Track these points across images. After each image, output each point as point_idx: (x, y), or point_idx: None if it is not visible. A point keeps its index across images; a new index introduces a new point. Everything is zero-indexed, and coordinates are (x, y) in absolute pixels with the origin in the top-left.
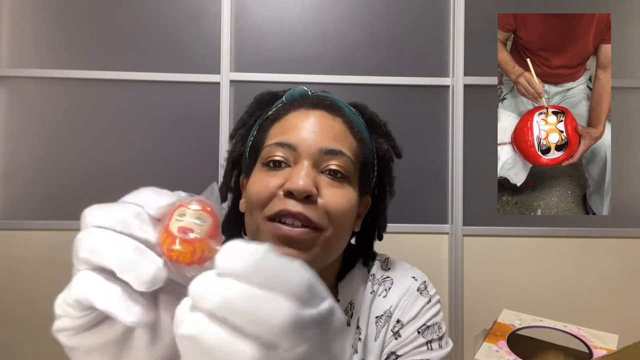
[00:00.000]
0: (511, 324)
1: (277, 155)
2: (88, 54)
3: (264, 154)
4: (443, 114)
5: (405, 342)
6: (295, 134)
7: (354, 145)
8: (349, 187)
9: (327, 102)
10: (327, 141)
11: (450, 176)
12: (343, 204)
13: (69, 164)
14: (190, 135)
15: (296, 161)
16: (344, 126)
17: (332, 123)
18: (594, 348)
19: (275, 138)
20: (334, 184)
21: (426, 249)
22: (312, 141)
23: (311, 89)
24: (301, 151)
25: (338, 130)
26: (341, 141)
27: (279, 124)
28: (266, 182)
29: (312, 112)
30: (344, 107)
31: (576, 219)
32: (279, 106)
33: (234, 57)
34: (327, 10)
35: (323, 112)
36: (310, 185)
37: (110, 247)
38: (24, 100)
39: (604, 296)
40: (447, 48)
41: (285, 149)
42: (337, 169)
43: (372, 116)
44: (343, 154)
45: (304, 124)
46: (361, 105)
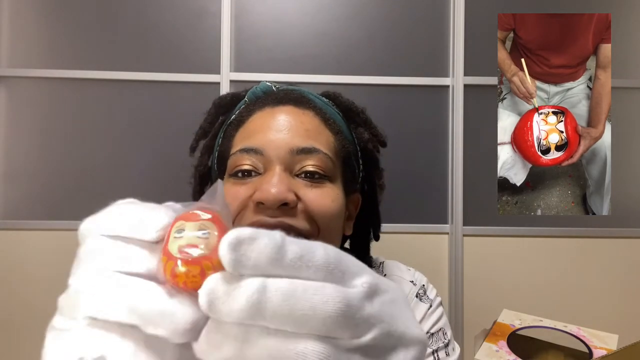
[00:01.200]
0: (511, 324)
1: (245, 163)
2: (88, 54)
3: (230, 164)
4: (443, 114)
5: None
6: (261, 137)
7: (330, 139)
8: (331, 186)
9: (294, 95)
10: (298, 139)
11: (450, 176)
12: (327, 204)
13: (69, 164)
14: (190, 135)
15: (266, 167)
16: (316, 119)
17: (301, 118)
18: (594, 348)
19: (240, 144)
20: (313, 185)
21: (426, 249)
22: (281, 142)
23: (276, 84)
24: (270, 155)
25: (310, 125)
26: (314, 137)
27: (243, 128)
28: (234, 193)
29: (278, 108)
30: (315, 98)
31: (576, 218)
32: (241, 108)
33: (234, 57)
34: (327, 10)
35: (290, 107)
36: (284, 192)
37: (122, 297)
38: (24, 100)
39: (604, 296)
40: (447, 48)
41: (252, 155)
42: (314, 169)
43: (347, 104)
44: (318, 151)
45: (270, 124)
46: (334, 94)
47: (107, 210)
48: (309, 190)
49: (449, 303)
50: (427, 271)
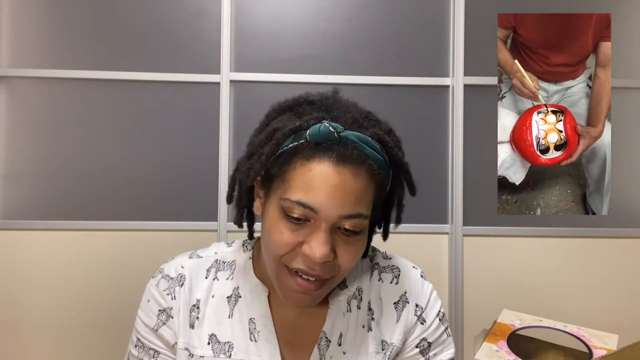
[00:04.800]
0: (511, 324)
1: (299, 212)
2: (88, 54)
3: (285, 206)
4: (443, 114)
5: (431, 330)
6: (317, 197)
7: (373, 196)
8: (362, 237)
9: (355, 154)
10: (348, 207)
11: (450, 176)
12: (355, 259)
13: (69, 164)
14: (190, 135)
15: (315, 221)
16: (367, 179)
17: (355, 184)
18: (594, 348)
19: (298, 193)
20: (349, 240)
21: (426, 249)
22: (334, 208)
23: (337, 128)
24: (322, 215)
25: (360, 191)
26: (360, 202)
27: (302, 172)
28: (287, 238)
29: (337, 170)
30: (370, 153)
31: (576, 218)
32: (301, 142)
33: (234, 57)
34: (327, 11)
35: (348, 171)
36: (328, 255)
37: None
38: (24, 100)
39: (604, 296)
40: (447, 48)
41: (308, 209)
42: (353, 229)
43: (397, 158)
44: (360, 215)
45: (328, 185)
46: (389, 144)
47: None
48: (344, 247)
49: (449, 303)
50: (427, 271)
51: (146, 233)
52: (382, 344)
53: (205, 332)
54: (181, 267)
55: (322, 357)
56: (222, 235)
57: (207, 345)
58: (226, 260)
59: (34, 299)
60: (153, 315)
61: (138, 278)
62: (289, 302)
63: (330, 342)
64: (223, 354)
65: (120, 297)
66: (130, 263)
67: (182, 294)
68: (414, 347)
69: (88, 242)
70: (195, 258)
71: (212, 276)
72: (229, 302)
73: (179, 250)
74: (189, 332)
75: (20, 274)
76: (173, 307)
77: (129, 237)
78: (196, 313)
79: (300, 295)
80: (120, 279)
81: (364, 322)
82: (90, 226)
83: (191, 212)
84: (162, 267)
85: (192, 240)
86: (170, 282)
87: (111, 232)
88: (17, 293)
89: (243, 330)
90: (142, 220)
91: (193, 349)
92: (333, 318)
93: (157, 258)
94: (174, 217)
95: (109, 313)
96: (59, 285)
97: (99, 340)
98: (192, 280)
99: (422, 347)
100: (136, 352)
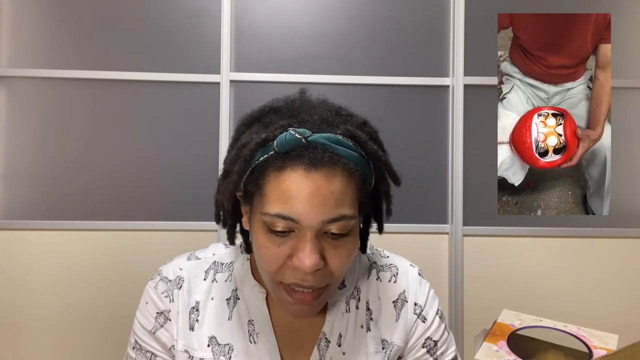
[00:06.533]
0: (511, 324)
1: (282, 226)
2: (88, 54)
3: (267, 221)
4: (443, 114)
5: (434, 328)
6: (295, 207)
7: (354, 194)
8: (351, 238)
9: (326, 157)
10: (329, 211)
11: (450, 176)
12: (347, 261)
13: (69, 164)
14: (190, 135)
15: (299, 231)
16: (344, 178)
17: (332, 187)
18: (594, 348)
19: (275, 206)
20: (338, 244)
21: (426, 249)
22: (314, 215)
23: (304, 133)
24: (304, 225)
25: (339, 193)
26: (341, 203)
27: (276, 184)
28: (275, 253)
29: (311, 176)
30: (343, 152)
31: (576, 219)
32: (271, 154)
33: (234, 57)
34: (327, 10)
35: (322, 174)
36: (317, 263)
37: None
38: (24, 100)
39: (604, 296)
40: (447, 48)
41: (289, 221)
42: (339, 232)
43: (373, 151)
44: (344, 217)
45: (304, 194)
46: (362, 139)
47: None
48: (333, 252)
49: (449, 303)
50: (427, 271)
51: (146, 233)
52: (382, 343)
53: (205, 334)
54: (179, 269)
55: (322, 357)
56: (222, 236)
57: (207, 347)
58: (224, 262)
59: (33, 298)
60: (151, 317)
61: (138, 278)
62: (290, 314)
63: (330, 342)
64: (223, 356)
65: (120, 296)
66: (130, 263)
67: (181, 296)
68: (421, 348)
69: (88, 242)
70: (194, 260)
71: (211, 278)
72: (228, 304)
73: (179, 250)
74: (189, 334)
75: (20, 274)
76: (171, 309)
77: (129, 237)
78: (195, 315)
79: (299, 307)
80: (120, 279)
81: (362, 322)
82: (90, 226)
83: (191, 212)
84: (160, 269)
85: (192, 240)
86: (168, 285)
87: (111, 232)
88: (17, 293)
89: (242, 332)
90: (142, 220)
91: (193, 351)
92: (332, 318)
93: (157, 258)
94: (174, 217)
95: (109, 313)
96: (58, 285)
97: (99, 340)
98: (190, 282)
99: (429, 347)
100: (134, 354)
